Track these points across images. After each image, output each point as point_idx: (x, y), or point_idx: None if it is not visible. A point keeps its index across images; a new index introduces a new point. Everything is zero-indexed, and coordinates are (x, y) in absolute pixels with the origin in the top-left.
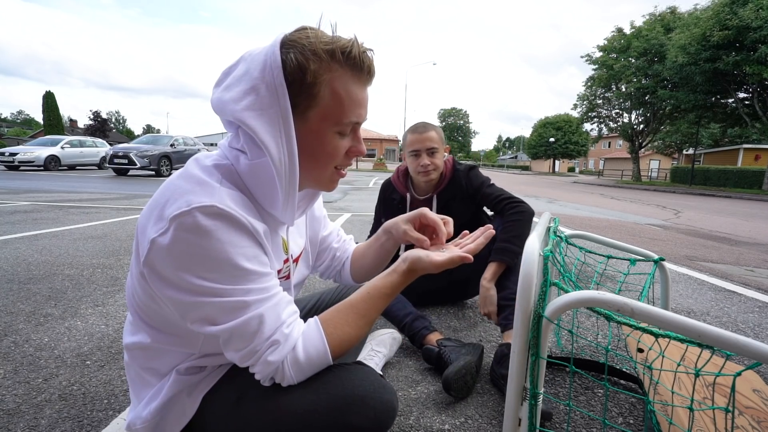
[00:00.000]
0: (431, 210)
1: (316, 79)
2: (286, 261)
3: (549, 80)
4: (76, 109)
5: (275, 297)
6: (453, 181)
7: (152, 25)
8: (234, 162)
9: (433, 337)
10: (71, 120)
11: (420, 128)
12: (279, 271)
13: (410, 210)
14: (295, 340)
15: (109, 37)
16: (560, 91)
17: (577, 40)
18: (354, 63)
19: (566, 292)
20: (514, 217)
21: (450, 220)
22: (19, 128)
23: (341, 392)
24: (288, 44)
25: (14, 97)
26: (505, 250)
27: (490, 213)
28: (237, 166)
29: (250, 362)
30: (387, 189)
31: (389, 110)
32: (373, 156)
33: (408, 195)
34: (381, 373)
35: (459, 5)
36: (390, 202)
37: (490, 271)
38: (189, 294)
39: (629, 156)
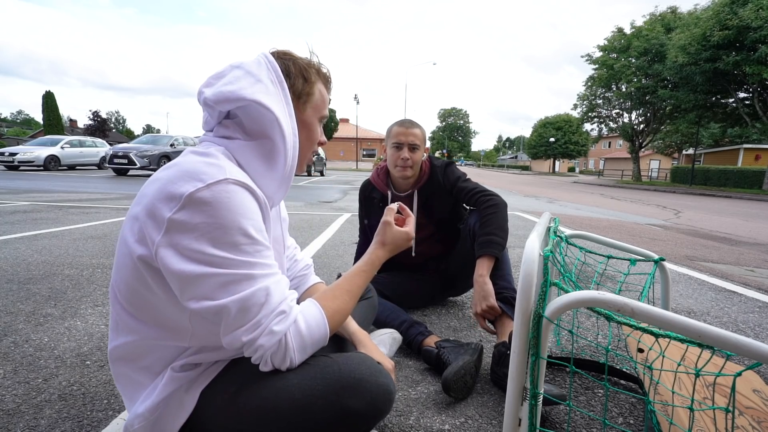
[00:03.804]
0: (412, 206)
1: (312, 80)
2: None
3: (547, 79)
4: (74, 108)
5: (278, 275)
6: (432, 177)
7: (149, 25)
8: (226, 145)
9: (430, 341)
10: (71, 120)
11: (407, 123)
12: None
13: None
14: (297, 313)
15: (106, 37)
16: (558, 90)
17: (575, 39)
18: (324, 76)
19: (566, 292)
20: (491, 210)
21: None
22: (19, 128)
23: (337, 376)
24: (283, 57)
25: (11, 97)
26: (492, 243)
27: (467, 208)
28: (230, 147)
29: (254, 334)
30: (367, 188)
31: (389, 110)
32: (372, 156)
33: (389, 193)
34: None
35: (456, 5)
36: (371, 201)
37: (484, 265)
38: (202, 264)
39: (629, 156)
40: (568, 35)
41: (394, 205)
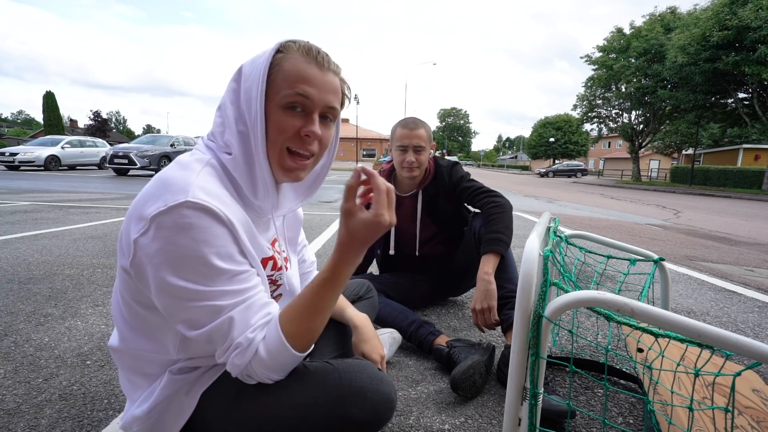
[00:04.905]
0: (417, 206)
1: (273, 55)
2: (274, 243)
3: (537, 77)
4: (73, 109)
5: (248, 300)
6: (437, 177)
7: (134, 23)
8: (219, 151)
9: (441, 340)
10: (71, 120)
11: (410, 124)
12: (273, 259)
13: (396, 209)
14: (258, 343)
15: (91, 35)
16: (551, 88)
17: (564, 31)
18: (305, 50)
19: (566, 292)
20: (497, 210)
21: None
22: (20, 128)
23: (339, 384)
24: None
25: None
26: (499, 241)
27: (471, 209)
28: (223, 155)
29: (223, 359)
30: None
31: (389, 110)
32: (373, 156)
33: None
34: None
35: (450, 5)
36: None
37: (490, 264)
38: (170, 294)
39: (629, 156)
40: (559, 30)
41: (357, 169)
